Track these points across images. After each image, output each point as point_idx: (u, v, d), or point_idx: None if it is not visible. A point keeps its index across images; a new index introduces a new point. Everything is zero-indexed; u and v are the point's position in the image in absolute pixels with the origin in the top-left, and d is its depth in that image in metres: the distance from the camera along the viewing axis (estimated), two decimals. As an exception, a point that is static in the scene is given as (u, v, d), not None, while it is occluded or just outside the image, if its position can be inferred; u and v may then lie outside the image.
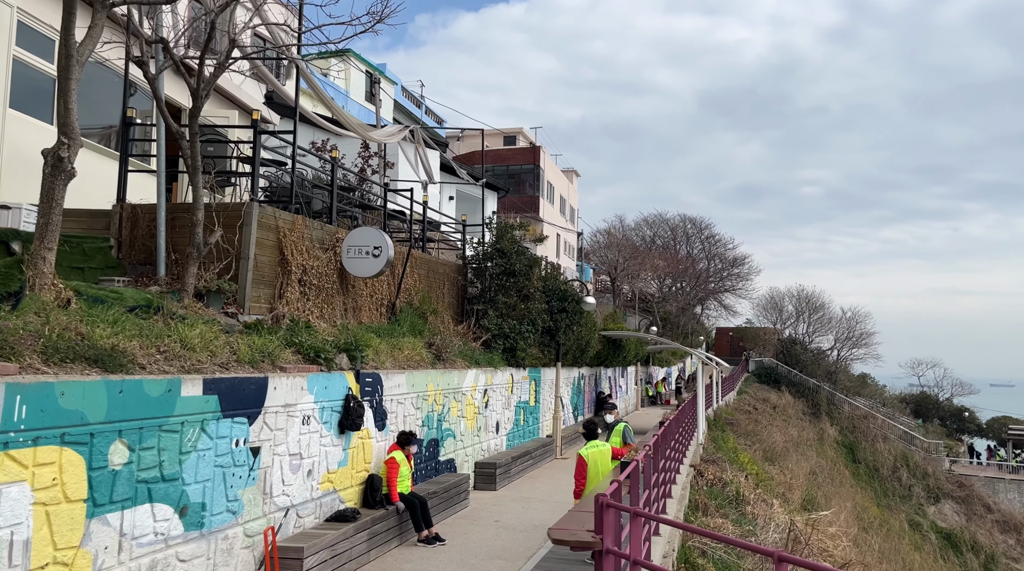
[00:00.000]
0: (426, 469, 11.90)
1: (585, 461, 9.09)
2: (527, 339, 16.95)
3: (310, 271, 10.82)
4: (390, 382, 10.58)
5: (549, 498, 13.46)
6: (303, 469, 8.35)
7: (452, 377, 13.05)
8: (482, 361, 14.95)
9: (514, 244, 17.45)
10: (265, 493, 7.65)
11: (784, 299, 67.69)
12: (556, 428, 19.02)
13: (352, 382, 9.43)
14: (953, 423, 65.44)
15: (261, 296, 9.88)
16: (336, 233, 11.73)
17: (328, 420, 8.86)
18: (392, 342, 11.59)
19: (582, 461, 9.09)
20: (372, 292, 12.74)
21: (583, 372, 25.14)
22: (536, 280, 18.06)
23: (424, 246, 15.65)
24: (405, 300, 13.92)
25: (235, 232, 9.61)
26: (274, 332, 8.75)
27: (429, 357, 12.52)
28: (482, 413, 14.63)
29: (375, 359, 10.54)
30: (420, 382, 11.65)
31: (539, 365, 18.88)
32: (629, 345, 30.93)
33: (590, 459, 9.10)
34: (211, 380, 6.80)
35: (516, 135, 47.13)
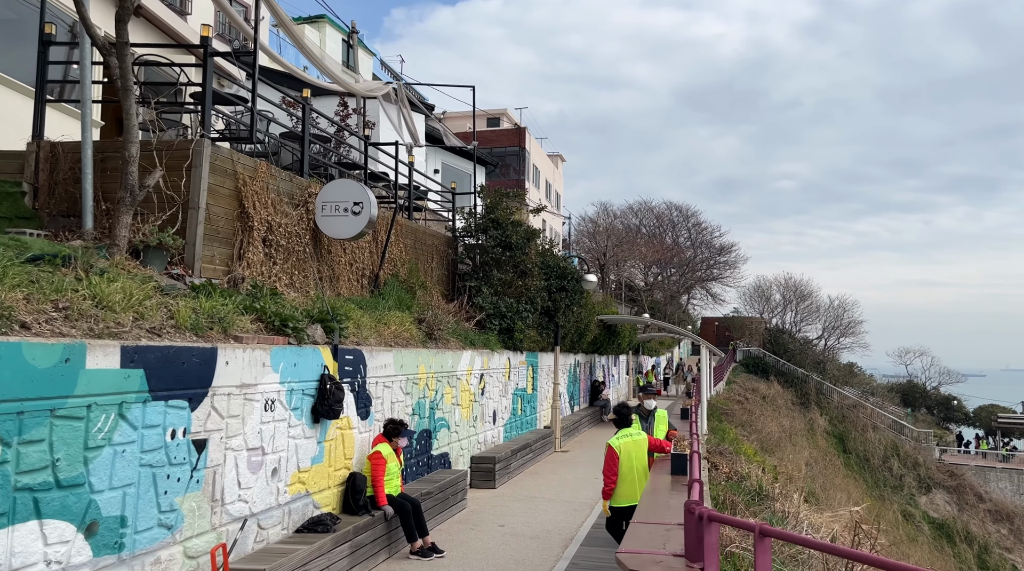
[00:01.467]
0: (417, 465, 10.14)
1: (616, 454, 7.39)
2: (525, 319, 15.21)
3: (277, 229, 8.98)
4: (375, 361, 8.79)
5: (556, 496, 11.76)
6: (266, 468, 6.55)
7: (446, 359, 11.28)
8: (477, 342, 13.20)
9: (509, 214, 15.69)
10: (214, 500, 5.85)
11: (772, 287, 66.69)
12: (555, 419, 17.33)
13: (328, 359, 7.63)
14: (940, 412, 64.90)
15: (215, 256, 8.04)
16: (308, 187, 9.89)
17: (298, 406, 7.06)
18: (377, 316, 9.79)
19: (613, 453, 7.40)
20: (352, 260, 10.92)
21: (579, 359, 23.48)
22: (534, 254, 16.32)
23: (410, 213, 13.84)
24: (390, 272, 12.12)
25: (182, 175, 7.76)
26: (229, 296, 6.93)
27: (420, 335, 10.74)
28: (478, 401, 12.89)
29: (357, 334, 8.75)
30: (410, 363, 9.87)
31: (536, 349, 17.16)
32: (624, 332, 29.34)
33: (623, 451, 7.41)
34: (133, 349, 4.98)
35: (500, 117, 45.26)
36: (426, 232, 14.36)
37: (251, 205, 8.55)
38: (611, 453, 7.39)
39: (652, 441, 7.84)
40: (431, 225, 15.90)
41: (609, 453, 7.41)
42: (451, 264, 15.32)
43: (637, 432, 7.60)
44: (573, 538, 9.16)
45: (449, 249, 15.26)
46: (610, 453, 7.40)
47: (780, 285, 66.73)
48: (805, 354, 63.76)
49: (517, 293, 15.39)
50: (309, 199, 9.74)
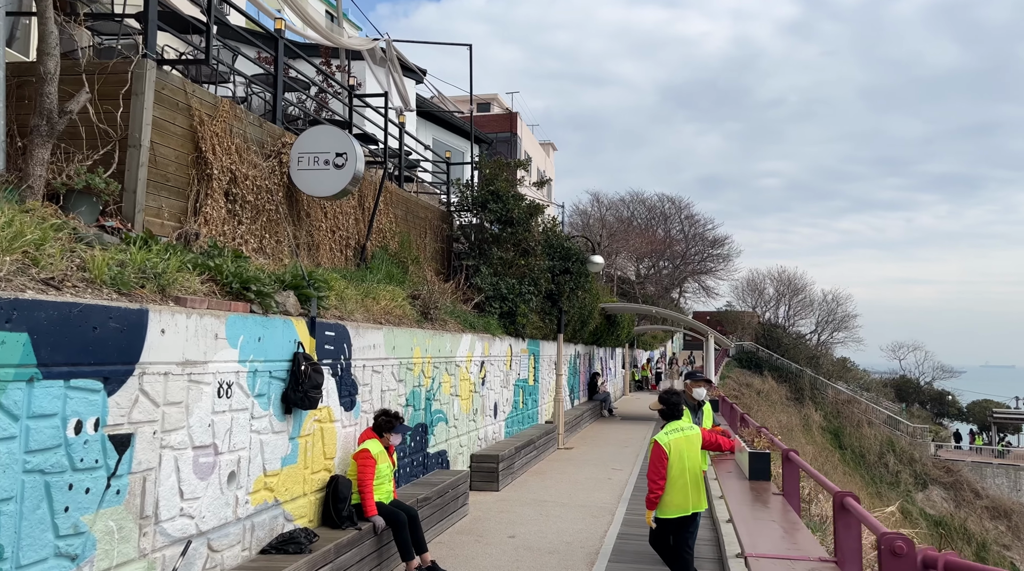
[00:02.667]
0: (411, 465, 8.63)
1: (666, 453, 5.92)
2: (529, 302, 13.72)
3: (243, 182, 7.43)
4: (362, 340, 7.26)
5: (569, 500, 10.29)
6: (220, 471, 5.02)
7: (444, 342, 9.77)
8: (478, 325, 11.69)
9: (511, 186, 14.18)
10: (144, 516, 4.31)
11: (765, 281, 65.65)
12: (559, 412, 15.87)
13: (304, 335, 6.10)
14: (934, 407, 64.17)
15: (163, 208, 6.48)
16: (282, 136, 8.34)
17: (264, 392, 5.53)
18: (364, 288, 8.26)
19: (661, 452, 5.92)
20: (334, 226, 9.37)
21: (579, 350, 22.03)
22: (537, 232, 14.83)
23: (401, 181, 12.30)
24: (378, 243, 10.58)
25: (119, 105, 6.18)
26: (174, 250, 5.37)
27: (414, 313, 9.22)
28: (478, 392, 11.38)
29: (340, 307, 7.22)
30: (404, 344, 8.35)
31: (538, 337, 15.68)
32: (623, 323, 27.94)
33: (673, 449, 5.93)
34: (10, 303, 3.44)
35: (491, 102, 43.68)
36: (419, 204, 12.83)
37: (210, 149, 6.98)
38: (659, 452, 5.92)
39: (707, 436, 6.37)
40: (424, 198, 14.36)
41: (656, 452, 5.94)
42: (446, 241, 13.79)
43: (689, 426, 6.13)
44: (598, 552, 7.69)
45: (444, 224, 13.73)
46: (657, 452, 5.92)
47: (773, 279, 65.73)
48: (798, 349, 62.84)
49: (519, 273, 13.89)
50: (283, 150, 8.19)
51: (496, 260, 13.56)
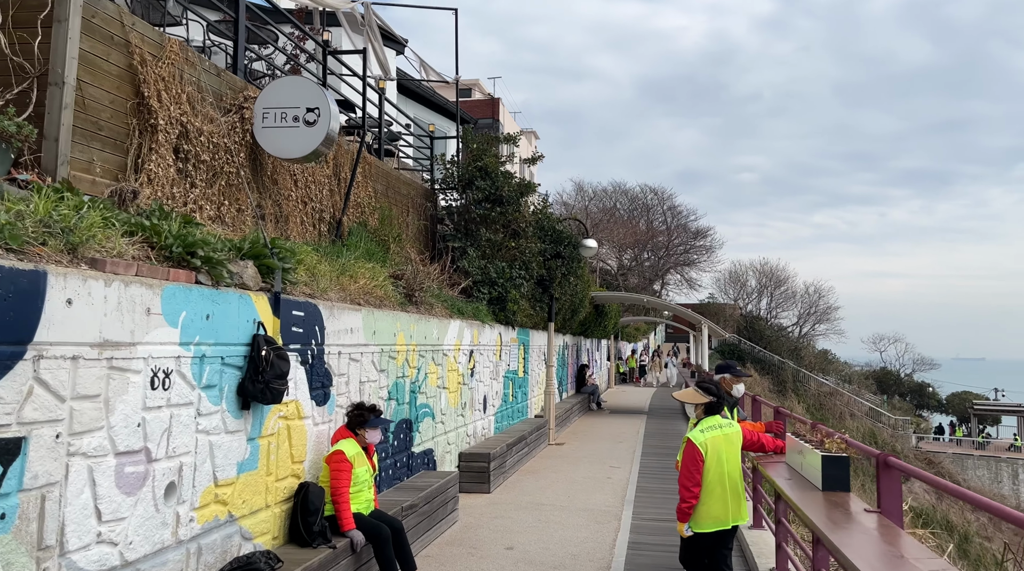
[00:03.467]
0: (394, 467, 7.59)
1: (701, 453, 4.95)
2: (520, 287, 12.71)
3: (196, 138, 6.32)
4: (337, 323, 6.20)
5: (568, 503, 9.32)
6: (153, 483, 3.95)
7: (430, 328, 8.73)
8: (466, 311, 10.66)
9: (499, 162, 13.14)
10: (44, 547, 3.24)
11: (747, 273, 65.26)
12: (550, 406, 14.90)
13: (265, 313, 5.03)
14: (914, 399, 64.28)
15: (95, 161, 5.36)
16: (244, 89, 7.23)
17: (214, 382, 4.46)
18: (340, 265, 7.19)
19: (696, 452, 4.95)
20: (306, 197, 8.28)
21: (567, 340, 21.08)
22: (528, 212, 13.80)
23: (381, 153, 11.20)
24: (356, 219, 9.49)
25: (37, 33, 5.06)
26: (98, 206, 4.28)
27: (396, 295, 8.17)
28: (467, 384, 10.36)
29: (311, 284, 6.15)
30: (385, 329, 7.29)
31: (528, 326, 14.69)
32: (611, 314, 27.07)
33: (709, 448, 4.97)
34: None
35: (471, 87, 42.45)
36: (400, 179, 11.74)
37: (154, 95, 5.87)
38: (693, 452, 4.94)
39: (749, 435, 5.40)
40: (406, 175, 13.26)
41: (690, 453, 4.96)
42: (430, 221, 12.72)
43: (728, 423, 5.16)
44: (610, 566, 6.72)
45: (427, 202, 12.66)
46: (691, 452, 4.95)
47: (756, 270, 65.37)
48: (780, 341, 62.55)
49: (509, 256, 12.87)
50: (245, 105, 7.07)
51: (484, 242, 12.53)
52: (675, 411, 23.42)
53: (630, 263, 57.63)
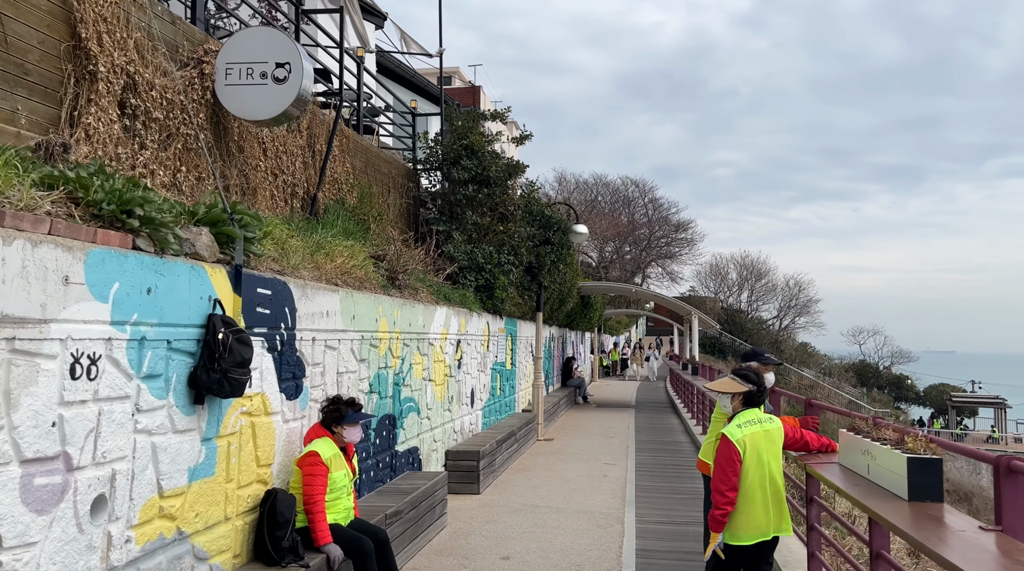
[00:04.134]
0: (376, 468, 6.80)
1: (739, 451, 4.23)
2: (508, 274, 11.95)
3: (146, 92, 5.47)
4: (310, 305, 5.40)
5: (565, 504, 8.60)
6: (75, 497, 3.14)
7: (415, 314, 7.94)
8: (453, 298, 9.88)
9: (486, 142, 12.36)
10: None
11: (728, 266, 65.10)
12: (538, 400, 14.18)
13: (224, 290, 4.22)
14: (892, 391, 64.59)
15: (20, 111, 4.50)
16: (205, 42, 6.38)
17: (159, 371, 3.65)
18: (314, 241, 6.38)
19: (732, 450, 4.23)
20: (277, 168, 7.44)
21: (553, 332, 20.37)
22: (516, 195, 13.04)
23: (359, 126, 10.37)
24: (333, 195, 8.67)
25: (-56, -49, 4.20)
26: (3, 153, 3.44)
27: (378, 277, 7.37)
28: (454, 376, 9.59)
29: (281, 260, 5.34)
30: (366, 313, 6.50)
31: (515, 316, 13.95)
32: (597, 306, 26.43)
33: (748, 446, 4.26)
34: None
35: (452, 76, 41.56)
36: (381, 157, 10.91)
37: (93, 38, 5.01)
38: (729, 451, 4.22)
39: (791, 431, 4.69)
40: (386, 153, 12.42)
41: (725, 451, 4.24)
42: (413, 202, 11.91)
43: (768, 417, 4.45)
44: (620, 577, 6.01)
45: (410, 183, 11.84)
46: (727, 451, 4.23)
47: (737, 263, 65.23)
48: (761, 334, 62.49)
49: (497, 241, 12.11)
50: (205, 59, 6.22)
51: (470, 225, 11.74)
52: (663, 405, 22.85)
53: (612, 256, 57.12)
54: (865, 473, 3.78)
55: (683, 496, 9.21)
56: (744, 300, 66.45)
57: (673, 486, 9.87)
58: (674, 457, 12.48)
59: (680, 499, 9.03)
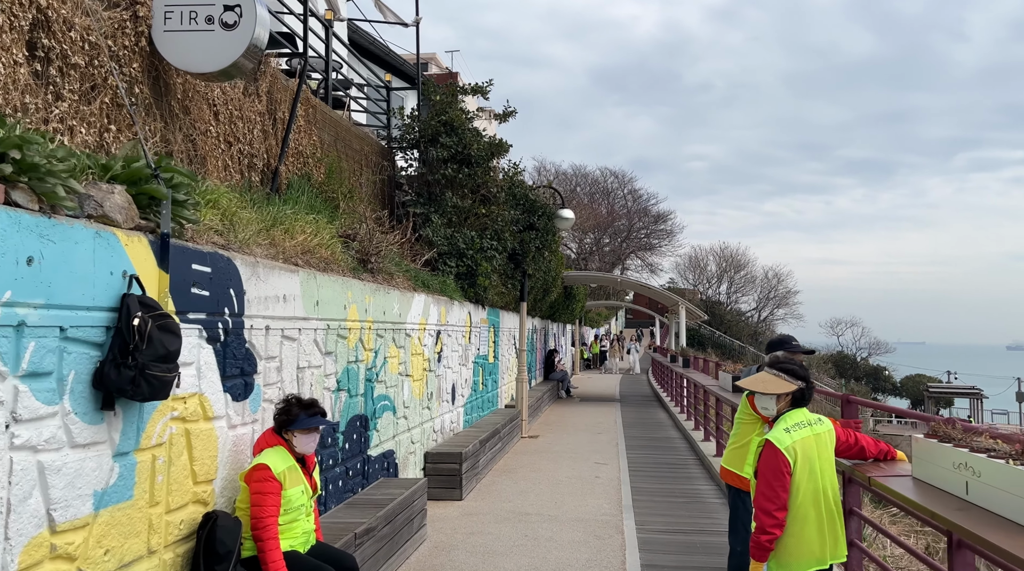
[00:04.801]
0: (345, 475, 5.94)
1: (788, 460, 3.46)
2: (492, 260, 11.11)
3: (63, 32, 4.53)
4: (264, 287, 4.51)
5: (558, 512, 7.81)
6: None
7: (390, 301, 7.08)
8: (432, 285, 9.03)
9: (467, 118, 11.49)
10: None
11: (707, 257, 64.82)
12: (522, 395, 13.38)
13: (145, 264, 3.34)
14: (870, 382, 64.81)
15: None
16: (141, -19, 5.44)
17: (46, 366, 2.77)
18: (271, 214, 5.49)
19: (781, 461, 3.46)
20: (231, 134, 6.52)
21: (536, 324, 19.58)
22: (499, 176, 12.19)
23: (328, 96, 9.45)
24: (298, 170, 7.76)
25: None
26: None
27: (347, 259, 6.50)
28: (434, 370, 8.74)
29: (228, 233, 4.45)
30: (333, 299, 5.62)
31: (498, 305, 13.13)
32: (579, 297, 25.69)
33: (799, 455, 3.48)
34: None
35: (428, 62, 40.43)
36: (352, 132, 10.00)
37: (-9, -43, 4.07)
38: (776, 460, 3.45)
39: (843, 433, 3.93)
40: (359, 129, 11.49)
41: (771, 460, 3.46)
42: (388, 182, 11.01)
43: (817, 419, 3.68)
44: (627, 600, 5.22)
45: (385, 162, 10.94)
46: (773, 460, 3.45)
47: (716, 255, 64.98)
48: (740, 326, 62.37)
49: (479, 225, 11.26)
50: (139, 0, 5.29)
51: (450, 208, 10.89)
52: (648, 398, 22.20)
53: (591, 247, 56.50)
54: (962, 493, 3.03)
55: (684, 499, 8.47)
56: (723, 292, 66.27)
57: (671, 488, 9.13)
58: (668, 455, 11.76)
59: (681, 503, 8.29)
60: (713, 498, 8.56)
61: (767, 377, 3.70)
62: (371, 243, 7.06)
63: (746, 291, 65.22)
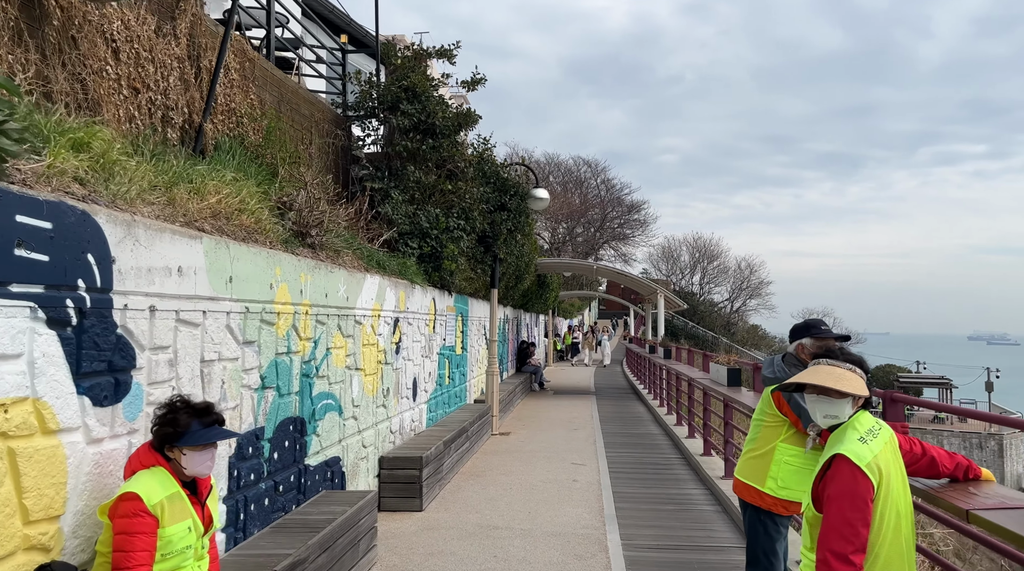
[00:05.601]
0: (273, 492, 4.87)
1: (870, 481, 2.49)
2: (459, 241, 10.07)
3: None
4: (146, 254, 3.42)
5: (531, 523, 6.82)
6: None
7: (335, 282, 6.00)
8: (390, 267, 7.97)
9: (432, 85, 10.41)
10: None
11: (681, 247, 64.39)
12: (492, 389, 12.38)
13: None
14: (841, 373, 65.01)
15: None
16: None
17: None
18: (174, 169, 4.39)
19: (861, 482, 2.48)
20: (136, 78, 5.37)
21: (507, 313, 18.59)
22: (467, 151, 11.14)
23: (270, 50, 8.32)
24: (229, 130, 6.63)
25: None
26: None
27: (280, 230, 5.41)
28: (391, 363, 7.69)
29: (97, 183, 3.35)
30: (254, 274, 4.54)
31: (466, 292, 12.10)
32: (553, 286, 24.76)
33: (882, 473, 2.52)
34: None
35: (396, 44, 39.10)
36: (300, 95, 8.86)
37: None
38: (856, 484, 2.48)
39: (906, 442, 2.99)
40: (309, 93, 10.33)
41: (850, 483, 2.48)
42: (341, 154, 9.89)
43: (879, 424, 2.72)
44: (617, 644, 4.25)
45: (339, 131, 9.81)
46: (852, 483, 2.48)
47: (689, 245, 64.57)
48: (713, 317, 62.11)
49: (445, 202, 10.20)
50: None
51: (413, 183, 9.81)
52: (624, 391, 21.35)
53: (564, 236, 55.66)
54: None
55: (673, 507, 7.55)
56: (696, 282, 65.95)
57: (658, 493, 8.21)
58: (650, 453, 10.85)
59: (671, 511, 7.36)
60: (705, 504, 7.65)
61: (840, 372, 2.71)
62: (312, 214, 5.97)
63: (719, 282, 65.04)
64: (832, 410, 2.66)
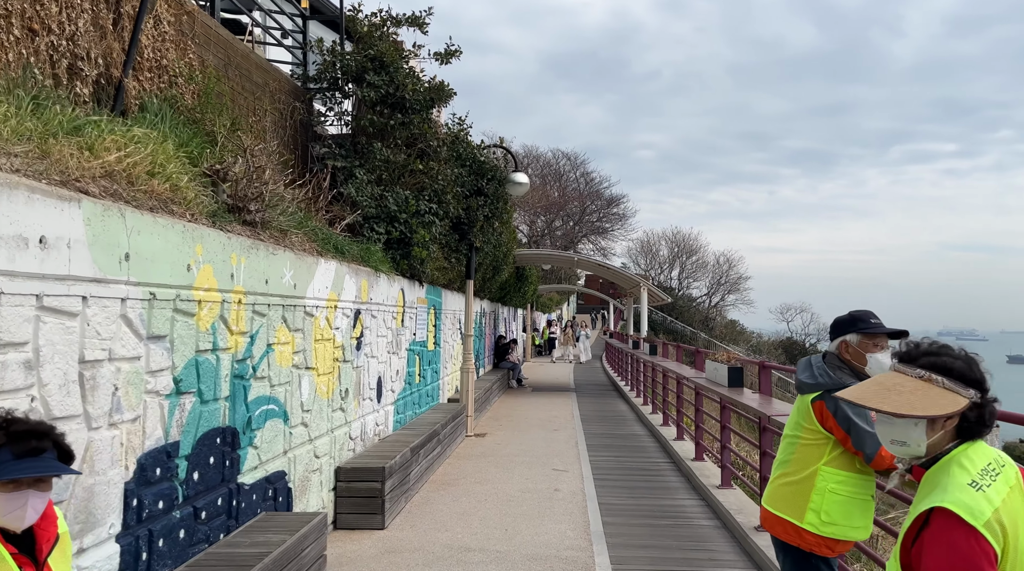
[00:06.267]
0: (193, 521, 3.98)
1: (990, 546, 1.67)
2: (430, 226, 9.18)
3: None
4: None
5: (507, 544, 5.99)
6: None
7: (277, 266, 5.10)
8: (349, 252, 7.07)
9: (401, 56, 9.50)
10: None
11: (659, 242, 63.94)
12: (467, 388, 11.53)
13: None
14: (818, 368, 65.17)
15: None
16: None
17: None
18: (55, 117, 3.47)
19: (976, 545, 1.67)
20: (35, 17, 4.41)
21: (484, 307, 17.73)
22: (441, 128, 10.25)
23: (215, 11, 7.37)
24: (159, 89, 5.69)
25: None
26: None
27: (207, 202, 4.50)
28: (350, 360, 6.79)
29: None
30: (163, 253, 3.63)
31: (439, 284, 11.23)
32: (532, 278, 23.94)
33: (1007, 531, 1.71)
34: None
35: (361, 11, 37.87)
36: (252, 60, 7.91)
37: None
38: (969, 547, 1.69)
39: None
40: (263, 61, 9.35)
41: (960, 548, 1.69)
42: (300, 129, 8.95)
43: (1006, 462, 1.91)
44: None
45: (298, 103, 8.87)
46: (966, 546, 1.69)
47: (668, 240, 64.15)
48: (692, 312, 61.78)
49: (416, 184, 9.31)
50: None
51: (380, 162, 8.90)
52: (605, 387, 20.62)
53: (543, 230, 54.91)
54: None
55: (668, 522, 6.76)
56: (675, 277, 65.57)
57: (649, 504, 7.42)
58: (637, 457, 10.08)
59: (665, 527, 6.57)
60: (703, 519, 6.88)
61: (896, 382, 1.90)
62: (251, 185, 5.06)
63: (698, 276, 64.72)
64: (895, 434, 1.87)
